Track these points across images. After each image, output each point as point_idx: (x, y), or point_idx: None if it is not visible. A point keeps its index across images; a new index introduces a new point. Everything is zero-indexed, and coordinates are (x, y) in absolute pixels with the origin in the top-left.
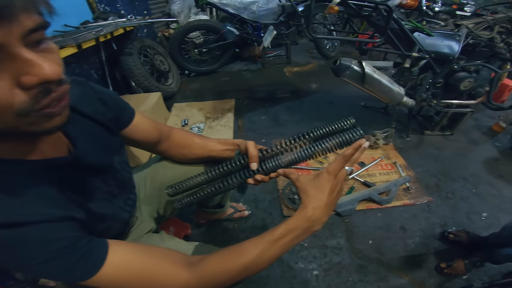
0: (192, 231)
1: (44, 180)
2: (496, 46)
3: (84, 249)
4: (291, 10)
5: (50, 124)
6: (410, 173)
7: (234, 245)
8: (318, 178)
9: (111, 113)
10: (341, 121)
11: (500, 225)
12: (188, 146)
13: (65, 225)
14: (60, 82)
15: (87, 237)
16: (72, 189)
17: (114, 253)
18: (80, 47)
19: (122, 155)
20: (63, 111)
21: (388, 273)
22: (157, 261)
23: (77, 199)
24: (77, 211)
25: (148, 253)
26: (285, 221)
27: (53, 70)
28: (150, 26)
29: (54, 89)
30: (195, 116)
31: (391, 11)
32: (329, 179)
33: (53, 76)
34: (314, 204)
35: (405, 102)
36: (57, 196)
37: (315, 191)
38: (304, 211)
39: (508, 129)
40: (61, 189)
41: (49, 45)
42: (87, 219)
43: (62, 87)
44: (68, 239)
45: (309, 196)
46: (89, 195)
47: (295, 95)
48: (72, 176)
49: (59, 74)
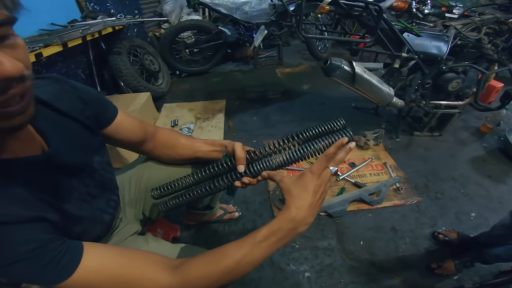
0: (181, 233)
1: (14, 179)
2: (483, 47)
3: (55, 251)
4: (282, 9)
5: (11, 123)
6: (400, 174)
7: (217, 248)
8: (302, 178)
9: (90, 111)
10: (331, 122)
11: (489, 224)
12: (174, 147)
13: (35, 226)
14: (22, 79)
15: (59, 239)
16: (44, 189)
17: (90, 256)
18: (65, 45)
19: (103, 155)
20: (26, 109)
21: (380, 274)
22: (136, 264)
23: (50, 200)
24: (49, 212)
25: (127, 257)
26: (268, 222)
27: (13, 66)
28: (141, 26)
29: (14, 85)
30: (185, 117)
31: (381, 11)
32: (312, 179)
33: (13, 73)
34: (297, 204)
35: (395, 102)
36: (27, 197)
37: (298, 191)
38: (287, 212)
39: (496, 130)
40: (32, 189)
41: (14, 40)
42: (61, 220)
43: (23, 84)
44: (38, 241)
45: (293, 196)
46: (64, 196)
47: (286, 96)
48: (45, 175)
49: (20, 70)
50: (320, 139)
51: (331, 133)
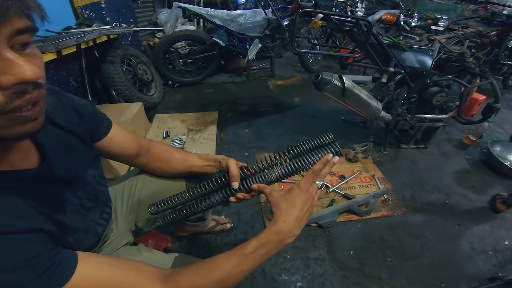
0: (172, 244)
1: (11, 191)
2: (465, 60)
3: (50, 261)
4: (276, 24)
5: (22, 129)
6: (388, 186)
7: (208, 259)
8: (290, 193)
9: (85, 125)
10: (321, 137)
11: (473, 234)
12: (168, 161)
13: (32, 237)
14: (38, 86)
15: (55, 249)
16: (41, 201)
17: (84, 266)
18: (60, 53)
19: (97, 168)
20: (38, 116)
21: (370, 283)
22: (129, 274)
23: (46, 211)
24: (46, 223)
25: (120, 266)
26: (257, 235)
27: (32, 71)
28: (135, 35)
29: (30, 91)
30: (177, 128)
31: (371, 26)
32: (300, 194)
33: (31, 77)
34: (284, 218)
35: (383, 116)
36: (25, 208)
37: (286, 205)
38: (275, 225)
39: (478, 142)
40: (29, 200)
41: (33, 50)
42: (57, 231)
43: (38, 91)
44: (34, 251)
45: (281, 209)
46: (59, 208)
47: (278, 109)
48: (41, 188)
49: (37, 76)
50: (311, 154)
51: (321, 147)
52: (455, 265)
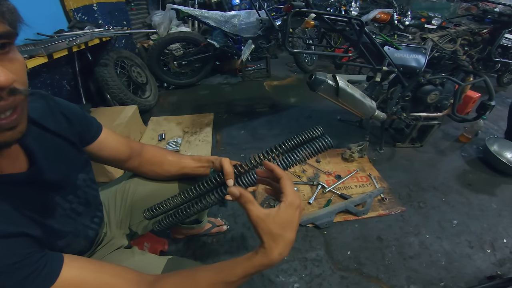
0: (168, 247)
1: None
2: (458, 58)
3: (35, 265)
4: (269, 24)
5: (0, 138)
6: (384, 185)
7: (190, 271)
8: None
9: (74, 129)
10: (310, 130)
11: (471, 232)
12: (160, 163)
13: (17, 241)
14: (14, 91)
15: (40, 252)
16: (28, 205)
17: (69, 269)
18: (51, 56)
19: (88, 172)
20: (17, 124)
21: (368, 283)
22: (114, 281)
23: (33, 216)
24: (32, 228)
25: (104, 272)
26: (244, 262)
27: (3, 77)
28: (129, 37)
29: (4, 97)
30: (173, 131)
31: (363, 25)
32: (295, 212)
33: (2, 82)
34: (281, 249)
35: (377, 115)
36: (11, 212)
37: (281, 230)
38: (267, 257)
39: (474, 140)
40: (16, 205)
41: (14, 55)
42: (44, 235)
43: (14, 97)
44: (18, 255)
45: (274, 237)
46: (48, 212)
47: (274, 109)
48: (29, 192)
49: (9, 81)
50: (303, 147)
51: (312, 140)
52: (453, 263)
